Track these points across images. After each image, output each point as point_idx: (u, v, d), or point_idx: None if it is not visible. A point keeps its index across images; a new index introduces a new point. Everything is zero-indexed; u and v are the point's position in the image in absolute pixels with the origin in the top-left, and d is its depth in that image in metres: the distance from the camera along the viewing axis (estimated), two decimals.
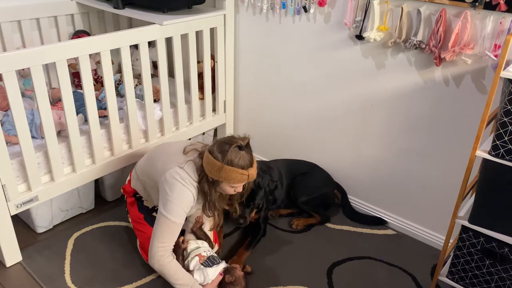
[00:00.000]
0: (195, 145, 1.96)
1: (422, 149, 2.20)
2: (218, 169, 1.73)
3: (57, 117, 2.22)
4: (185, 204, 1.81)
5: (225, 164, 1.72)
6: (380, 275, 2.12)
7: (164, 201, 1.81)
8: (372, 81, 2.26)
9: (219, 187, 1.84)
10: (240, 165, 1.73)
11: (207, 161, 1.77)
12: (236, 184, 1.80)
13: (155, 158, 2.00)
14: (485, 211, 1.69)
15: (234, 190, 1.86)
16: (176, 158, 1.89)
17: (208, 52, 2.62)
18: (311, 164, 2.61)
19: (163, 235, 1.81)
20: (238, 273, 1.95)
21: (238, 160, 1.72)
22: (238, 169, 1.73)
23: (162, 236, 1.81)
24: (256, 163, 1.84)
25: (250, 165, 1.76)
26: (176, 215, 1.79)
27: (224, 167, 1.72)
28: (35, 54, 1.87)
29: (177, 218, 1.80)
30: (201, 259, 1.94)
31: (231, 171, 1.72)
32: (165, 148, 2.04)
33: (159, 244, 1.81)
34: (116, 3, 2.48)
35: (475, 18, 1.82)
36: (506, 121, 1.51)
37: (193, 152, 1.90)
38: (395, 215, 2.44)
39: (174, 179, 1.81)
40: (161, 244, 1.81)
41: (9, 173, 1.94)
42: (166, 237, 1.81)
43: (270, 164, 2.51)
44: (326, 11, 2.30)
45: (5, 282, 2.01)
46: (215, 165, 1.73)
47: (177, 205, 1.79)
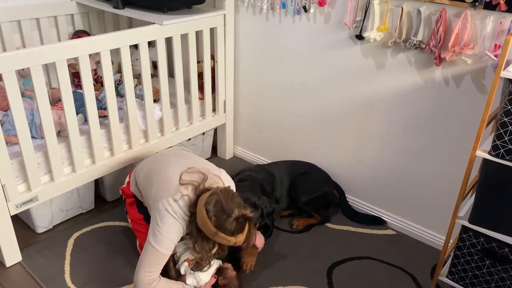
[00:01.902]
0: (192, 174, 1.91)
1: (422, 149, 2.20)
2: (208, 231, 1.73)
3: (57, 117, 2.22)
4: (175, 237, 1.81)
5: (216, 230, 1.71)
6: (380, 275, 2.12)
7: (153, 232, 1.80)
8: (372, 81, 2.26)
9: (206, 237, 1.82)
10: (230, 233, 1.72)
11: (200, 216, 1.74)
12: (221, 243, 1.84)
13: (153, 177, 1.96)
14: (485, 211, 1.69)
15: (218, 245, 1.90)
16: (172, 187, 1.87)
17: (208, 52, 2.62)
18: (310, 164, 2.61)
19: (150, 264, 1.79)
20: (231, 274, 1.95)
21: (230, 229, 1.71)
22: (227, 236, 1.72)
23: (149, 265, 1.79)
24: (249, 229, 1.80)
25: (240, 232, 1.74)
26: (164, 247, 1.78)
27: (214, 232, 1.72)
28: (35, 54, 1.87)
29: (166, 250, 1.79)
30: (189, 263, 1.93)
31: (219, 237, 1.73)
32: (164, 167, 1.99)
33: (145, 273, 1.78)
34: (116, 3, 2.48)
35: (475, 18, 1.82)
36: (506, 121, 1.51)
37: (190, 186, 1.86)
38: (395, 215, 2.44)
39: (166, 211, 1.80)
40: (147, 273, 1.79)
41: (9, 173, 1.94)
42: (154, 267, 1.80)
43: (268, 168, 2.50)
44: (326, 11, 2.30)
45: (5, 282, 2.01)
46: (207, 226, 1.72)
47: (167, 237, 1.78)
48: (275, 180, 2.42)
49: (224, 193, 1.77)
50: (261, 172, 2.39)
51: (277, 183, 2.43)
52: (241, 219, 1.73)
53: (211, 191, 1.79)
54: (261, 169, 2.46)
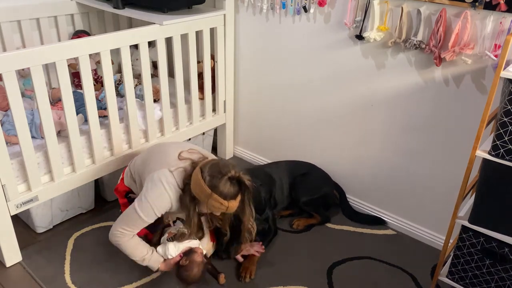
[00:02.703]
0: (192, 153, 1.93)
1: (422, 149, 2.20)
2: (202, 191, 1.73)
3: (57, 117, 2.22)
4: (159, 208, 1.82)
5: (210, 190, 1.71)
6: (380, 275, 2.12)
7: (141, 196, 1.84)
8: (372, 81, 2.26)
9: (199, 205, 1.83)
10: (223, 196, 1.71)
11: (195, 178, 1.75)
12: (213, 211, 1.80)
13: (151, 156, 2.00)
14: (485, 211, 1.69)
15: (210, 214, 1.87)
16: (169, 161, 1.89)
17: (208, 52, 2.62)
18: (310, 165, 2.61)
19: (127, 223, 1.85)
20: (195, 259, 1.93)
21: (223, 191, 1.70)
22: (220, 198, 1.71)
23: (126, 224, 1.85)
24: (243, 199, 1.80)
25: (233, 198, 1.74)
26: (146, 213, 1.82)
27: (208, 193, 1.71)
28: (35, 54, 1.87)
29: (146, 216, 1.82)
30: (169, 235, 1.99)
31: (212, 199, 1.71)
32: (163, 148, 2.04)
33: (120, 228, 1.86)
34: (116, 3, 2.48)
35: (475, 18, 1.82)
36: (506, 121, 1.51)
37: (188, 161, 1.88)
38: (395, 215, 2.44)
39: (159, 181, 1.82)
40: (121, 229, 1.86)
41: (9, 173, 1.94)
42: (130, 226, 1.86)
43: (268, 169, 2.50)
44: (326, 11, 2.30)
45: (5, 282, 2.01)
46: (201, 186, 1.72)
47: (151, 205, 1.81)
48: (274, 182, 2.41)
49: (221, 159, 1.79)
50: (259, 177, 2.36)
51: (276, 186, 2.42)
52: (236, 182, 1.73)
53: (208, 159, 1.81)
54: (260, 172, 2.45)
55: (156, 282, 2.03)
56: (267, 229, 2.28)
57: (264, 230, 2.28)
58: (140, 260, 1.92)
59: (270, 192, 2.37)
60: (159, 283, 2.03)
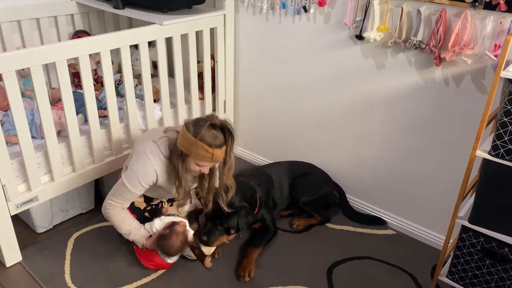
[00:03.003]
0: (178, 127, 1.97)
1: (422, 149, 2.20)
2: (187, 140, 1.76)
3: (57, 117, 2.22)
4: (144, 177, 1.87)
5: (195, 138, 1.74)
6: (380, 275, 2.12)
7: (128, 168, 1.92)
8: (372, 81, 2.26)
9: (187, 162, 1.84)
10: (208, 143, 1.74)
11: (181, 133, 1.81)
12: (200, 162, 1.80)
13: (139, 138, 2.06)
14: (485, 211, 1.69)
15: (200, 170, 1.86)
16: (155, 135, 1.95)
17: (208, 52, 2.62)
18: (310, 165, 2.61)
19: (115, 195, 1.94)
20: (176, 229, 1.96)
21: (207, 137, 1.73)
22: (205, 145, 1.73)
23: (115, 196, 1.94)
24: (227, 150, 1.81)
25: (218, 146, 1.76)
26: (132, 183, 1.88)
27: (192, 140, 1.74)
28: (35, 54, 1.87)
29: (132, 187, 1.88)
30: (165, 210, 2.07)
31: (198, 146, 1.74)
32: (151, 129, 2.13)
33: (109, 200, 1.95)
34: (116, 3, 2.48)
35: (475, 18, 1.82)
36: (506, 121, 1.51)
37: (173, 132, 1.94)
38: (395, 215, 2.44)
39: (143, 152, 1.88)
40: (111, 201, 1.95)
41: (9, 173, 1.94)
42: (118, 198, 1.94)
43: (267, 170, 2.49)
44: (326, 11, 2.30)
45: (5, 282, 2.01)
46: (186, 136, 1.76)
47: (136, 175, 1.87)
48: (272, 183, 2.41)
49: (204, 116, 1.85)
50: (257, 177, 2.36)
51: (275, 187, 2.41)
52: (219, 129, 1.76)
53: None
54: (258, 172, 2.44)
55: (156, 282, 2.03)
56: (266, 229, 2.28)
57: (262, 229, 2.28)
58: (126, 234, 1.99)
59: (268, 193, 2.36)
60: (159, 283, 2.03)
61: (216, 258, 2.18)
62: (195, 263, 2.14)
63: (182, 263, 2.13)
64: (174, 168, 1.86)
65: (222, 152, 1.79)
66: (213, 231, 2.08)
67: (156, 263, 2.04)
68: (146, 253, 2.05)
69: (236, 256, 2.20)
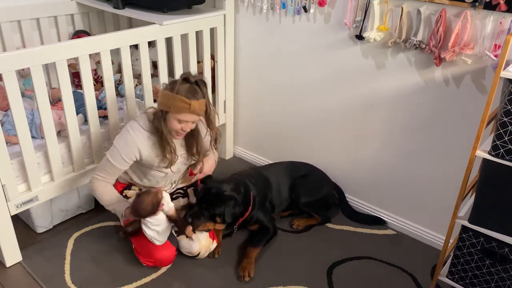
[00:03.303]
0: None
1: (422, 149, 2.20)
2: (165, 97, 1.86)
3: (57, 117, 2.22)
4: (125, 151, 1.95)
5: (171, 92, 1.84)
6: (380, 275, 2.12)
7: (112, 145, 2.00)
8: (372, 81, 2.26)
9: (168, 122, 1.91)
10: (184, 94, 1.83)
11: (159, 94, 1.92)
12: (179, 115, 1.86)
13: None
14: (485, 211, 1.69)
15: (182, 129, 1.92)
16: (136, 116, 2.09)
17: (208, 52, 2.62)
18: (309, 166, 2.61)
19: (101, 169, 2.02)
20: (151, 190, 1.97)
21: (183, 90, 1.84)
22: (181, 97, 1.82)
23: (100, 170, 2.02)
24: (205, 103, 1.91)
25: (194, 97, 1.84)
26: (114, 158, 1.96)
27: (170, 95, 1.85)
28: (35, 54, 1.87)
29: (116, 162, 1.96)
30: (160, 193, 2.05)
31: (175, 99, 1.83)
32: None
33: (95, 174, 2.04)
34: (116, 3, 2.48)
35: (475, 18, 1.82)
36: (506, 121, 1.51)
37: (151, 109, 2.02)
38: (395, 215, 2.44)
39: (125, 129, 1.98)
40: (95, 175, 2.03)
41: (9, 173, 1.94)
42: (103, 173, 2.01)
43: (265, 171, 2.48)
44: (326, 11, 2.30)
45: (5, 282, 2.01)
46: (164, 93, 1.88)
47: (118, 150, 1.95)
48: (270, 185, 2.39)
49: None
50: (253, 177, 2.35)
51: (273, 189, 2.40)
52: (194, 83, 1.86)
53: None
54: (255, 173, 2.43)
55: (156, 282, 2.04)
56: (265, 229, 2.28)
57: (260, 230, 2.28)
58: (107, 205, 2.05)
59: (265, 195, 2.34)
60: (159, 283, 2.03)
61: (216, 257, 2.18)
62: (195, 263, 2.14)
63: (182, 263, 2.13)
64: (157, 131, 1.93)
65: (200, 104, 1.87)
66: (199, 215, 2.07)
67: (154, 259, 2.04)
68: (144, 251, 2.05)
69: (236, 256, 2.20)
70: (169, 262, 2.09)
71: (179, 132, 1.94)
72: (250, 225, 2.29)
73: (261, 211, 2.28)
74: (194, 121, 1.94)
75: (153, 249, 2.02)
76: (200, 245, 2.09)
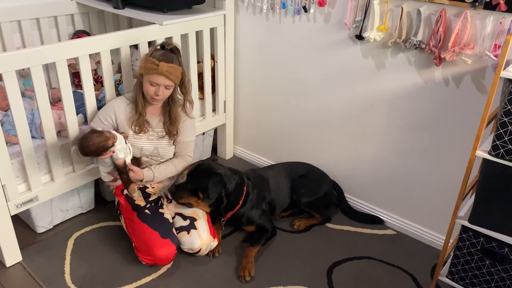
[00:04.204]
0: None
1: (422, 149, 2.20)
2: (141, 61, 2.02)
3: (57, 117, 2.22)
4: (103, 114, 2.09)
5: (146, 55, 2.00)
6: (380, 275, 2.12)
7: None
8: (372, 81, 2.26)
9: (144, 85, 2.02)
10: (156, 57, 1.96)
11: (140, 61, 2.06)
12: (150, 77, 1.97)
13: None
14: (485, 211, 1.69)
15: (155, 92, 2.01)
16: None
17: (208, 52, 2.62)
18: (307, 165, 2.60)
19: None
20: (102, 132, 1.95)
21: (156, 54, 1.97)
22: (152, 59, 1.95)
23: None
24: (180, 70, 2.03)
25: (164, 60, 1.96)
26: (94, 121, 2.10)
27: (144, 58, 2.01)
28: (35, 54, 1.87)
29: (94, 123, 2.09)
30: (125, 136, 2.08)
31: (147, 61, 1.97)
32: None
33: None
34: (116, 3, 2.48)
35: (475, 18, 1.82)
36: (506, 121, 1.51)
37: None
38: (395, 215, 2.44)
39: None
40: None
41: (9, 173, 1.94)
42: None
43: (263, 173, 2.47)
44: (326, 11, 2.30)
45: (5, 282, 2.01)
46: (141, 59, 2.04)
47: (98, 114, 2.10)
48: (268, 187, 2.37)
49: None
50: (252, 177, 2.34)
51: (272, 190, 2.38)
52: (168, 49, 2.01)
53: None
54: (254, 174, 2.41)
55: (156, 282, 2.04)
56: (263, 229, 2.27)
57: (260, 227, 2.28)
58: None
59: (263, 196, 2.32)
60: (159, 283, 2.03)
61: (217, 256, 2.18)
62: (195, 262, 2.14)
63: (182, 263, 2.13)
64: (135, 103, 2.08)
65: (171, 67, 1.97)
66: (183, 187, 2.13)
67: (154, 257, 2.03)
68: (144, 248, 2.05)
69: (237, 256, 2.20)
70: (168, 261, 2.08)
71: (154, 96, 2.02)
72: (245, 225, 2.29)
73: (257, 211, 2.27)
74: (167, 86, 2.01)
75: (153, 246, 2.02)
76: (201, 241, 2.09)
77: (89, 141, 1.90)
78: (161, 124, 2.16)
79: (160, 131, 2.17)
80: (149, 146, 2.16)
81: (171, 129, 2.16)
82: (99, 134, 1.93)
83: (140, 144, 2.14)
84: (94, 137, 1.91)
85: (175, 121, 2.16)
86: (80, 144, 1.93)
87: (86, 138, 1.92)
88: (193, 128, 2.28)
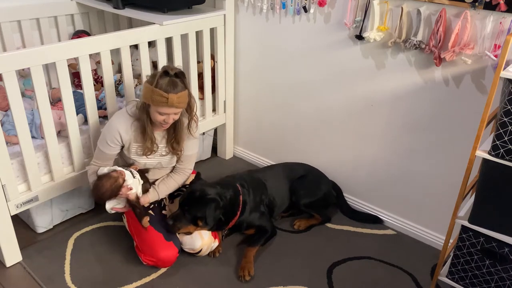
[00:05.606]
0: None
1: (422, 149, 2.20)
2: (146, 90, 1.90)
3: (57, 117, 2.22)
4: (108, 136, 2.03)
5: (151, 85, 1.88)
6: (380, 275, 2.12)
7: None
8: (372, 81, 2.26)
9: (151, 114, 1.96)
10: (163, 88, 1.86)
11: (143, 85, 1.97)
12: (159, 108, 1.90)
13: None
14: (485, 211, 1.69)
15: (164, 120, 1.95)
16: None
17: (208, 52, 2.62)
18: (306, 166, 2.60)
19: (94, 157, 2.11)
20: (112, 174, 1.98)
21: (162, 84, 1.87)
22: (160, 91, 1.86)
23: (94, 158, 2.11)
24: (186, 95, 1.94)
25: (173, 91, 1.87)
26: (101, 144, 2.05)
27: (149, 88, 1.88)
28: (35, 54, 1.87)
29: (102, 147, 2.05)
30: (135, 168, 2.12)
31: (154, 92, 1.87)
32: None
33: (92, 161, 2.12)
34: (116, 3, 2.48)
35: (475, 18, 1.82)
36: (506, 121, 1.51)
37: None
38: (395, 215, 2.44)
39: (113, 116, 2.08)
40: (92, 162, 2.11)
41: (9, 173, 1.94)
42: (95, 158, 2.09)
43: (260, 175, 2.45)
44: (326, 11, 2.30)
45: (5, 282, 2.01)
46: (145, 87, 1.91)
47: (103, 136, 2.05)
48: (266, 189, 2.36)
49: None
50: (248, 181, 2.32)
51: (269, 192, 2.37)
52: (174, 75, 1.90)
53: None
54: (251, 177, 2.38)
55: (156, 282, 2.04)
56: (262, 230, 2.27)
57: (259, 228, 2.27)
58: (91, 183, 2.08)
59: (260, 199, 2.31)
60: (160, 283, 2.03)
61: (217, 256, 2.19)
62: (196, 263, 2.14)
63: (182, 263, 2.14)
64: (140, 121, 2.00)
65: (179, 97, 1.90)
66: (180, 218, 2.07)
67: (156, 258, 2.04)
68: (146, 249, 2.06)
69: (237, 256, 2.20)
70: (170, 263, 2.08)
71: (162, 123, 1.98)
72: (245, 230, 2.28)
73: (255, 214, 2.26)
74: (176, 113, 1.97)
75: (157, 248, 2.03)
76: (202, 241, 2.09)
77: (101, 189, 1.94)
78: (164, 140, 2.11)
79: (163, 146, 2.12)
80: (153, 161, 2.15)
81: (175, 146, 2.12)
82: (107, 178, 1.95)
83: (143, 161, 2.12)
84: (103, 183, 1.95)
85: (181, 140, 2.11)
86: (95, 196, 1.97)
87: (97, 187, 1.95)
88: (196, 144, 2.25)
